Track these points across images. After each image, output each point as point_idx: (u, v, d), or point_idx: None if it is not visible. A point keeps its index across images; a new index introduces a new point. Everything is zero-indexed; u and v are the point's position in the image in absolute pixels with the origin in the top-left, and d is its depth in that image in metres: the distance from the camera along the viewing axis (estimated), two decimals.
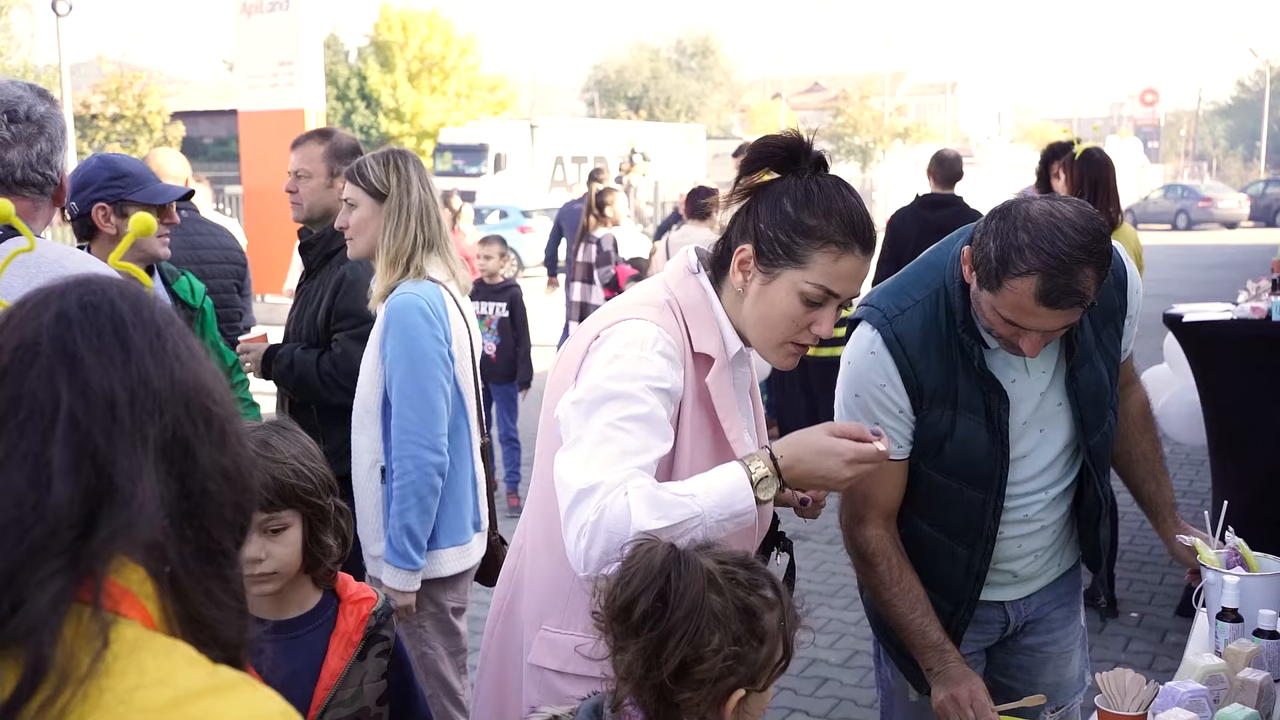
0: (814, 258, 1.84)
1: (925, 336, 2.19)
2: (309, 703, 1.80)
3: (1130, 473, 2.59)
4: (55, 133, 2.19)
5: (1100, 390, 2.31)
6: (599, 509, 1.68)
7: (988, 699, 2.18)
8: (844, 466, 1.79)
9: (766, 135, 1.94)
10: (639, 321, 1.86)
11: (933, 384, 2.20)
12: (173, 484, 0.88)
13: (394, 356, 2.88)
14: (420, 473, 2.84)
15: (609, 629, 1.51)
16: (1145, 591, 5.37)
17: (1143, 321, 2.49)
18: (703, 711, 1.48)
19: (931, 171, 6.82)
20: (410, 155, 3.10)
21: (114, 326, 0.89)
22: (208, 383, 0.93)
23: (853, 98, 43.93)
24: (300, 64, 13.98)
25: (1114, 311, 2.35)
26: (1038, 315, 2.02)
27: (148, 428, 0.87)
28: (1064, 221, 1.98)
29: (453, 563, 2.99)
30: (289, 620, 1.85)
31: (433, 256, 3.01)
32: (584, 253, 7.85)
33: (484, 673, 2.07)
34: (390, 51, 38.44)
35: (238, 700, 0.84)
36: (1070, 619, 2.52)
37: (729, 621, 1.46)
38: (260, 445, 1.76)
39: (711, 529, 1.71)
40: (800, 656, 4.64)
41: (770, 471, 1.77)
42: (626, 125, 36.58)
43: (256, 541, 1.77)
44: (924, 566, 2.31)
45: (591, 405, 1.78)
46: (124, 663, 0.82)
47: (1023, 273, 1.98)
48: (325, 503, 1.83)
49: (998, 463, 2.24)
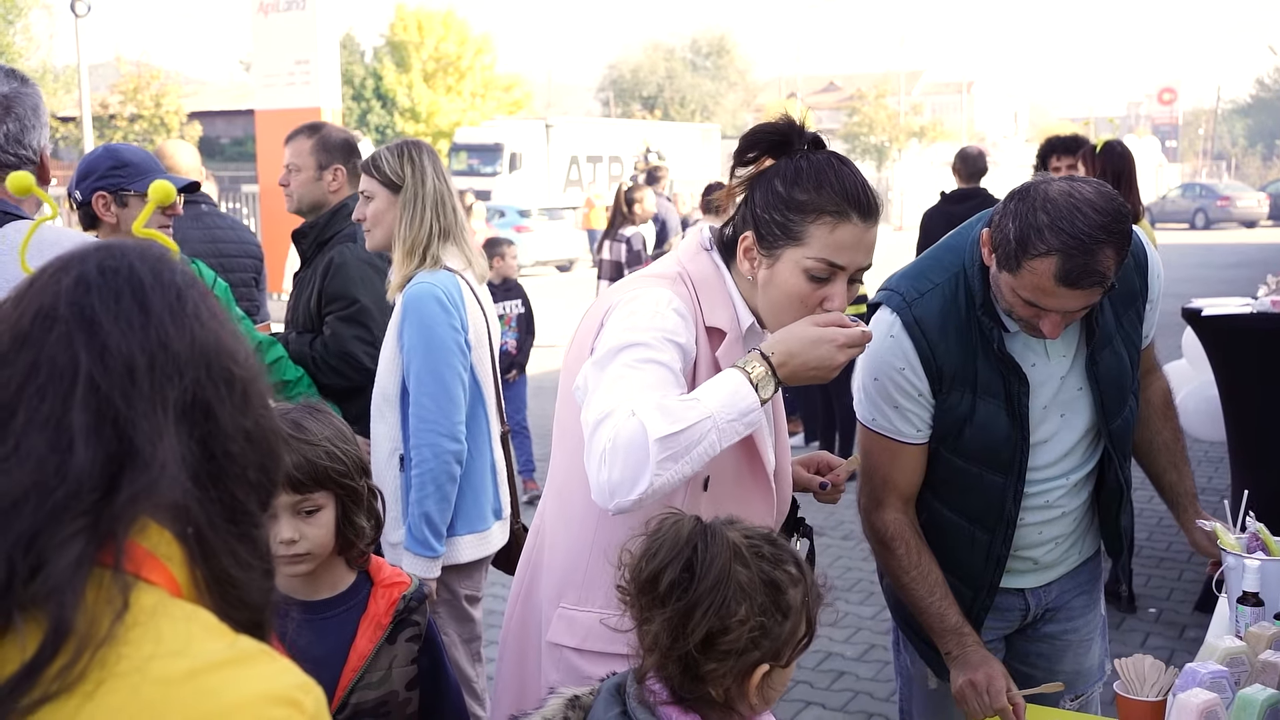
0: (810, 231, 1.83)
1: (945, 319, 2.19)
2: (337, 684, 1.81)
3: (1151, 462, 2.57)
4: (24, 112, 2.16)
5: (1121, 374, 2.30)
6: (611, 436, 1.65)
7: (1006, 683, 2.17)
8: (837, 352, 1.77)
9: (759, 123, 1.93)
10: (652, 288, 1.87)
11: (952, 367, 2.19)
12: (194, 446, 0.88)
13: (411, 345, 2.91)
14: (438, 461, 2.87)
15: (635, 601, 1.52)
16: (1164, 587, 5.35)
17: (1160, 318, 2.48)
18: (727, 684, 1.48)
19: (956, 168, 7.04)
20: (425, 146, 3.12)
21: (132, 290, 0.90)
22: (229, 345, 0.93)
23: (868, 97, 43.85)
24: (316, 62, 14.05)
25: (1134, 295, 2.34)
26: (1058, 296, 2.02)
27: (168, 390, 0.87)
28: (1083, 201, 1.98)
29: (470, 550, 3.00)
30: (321, 601, 1.86)
31: (449, 246, 3.03)
32: (612, 251, 7.83)
33: (504, 656, 2.08)
34: (406, 51, 38.55)
35: (255, 672, 0.83)
36: (1090, 607, 2.51)
37: (755, 593, 1.47)
38: (293, 427, 1.77)
39: (725, 430, 1.68)
40: (816, 650, 4.66)
41: (766, 370, 1.75)
42: (642, 125, 36.58)
43: (290, 522, 1.78)
44: (944, 552, 2.31)
45: (607, 356, 1.77)
46: (141, 629, 0.82)
47: (1042, 253, 1.98)
48: (358, 484, 1.84)
49: (1018, 447, 2.23)
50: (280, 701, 0.82)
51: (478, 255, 3.12)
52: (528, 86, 44.23)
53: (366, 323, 3.36)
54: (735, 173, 1.94)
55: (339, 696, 1.81)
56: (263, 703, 0.81)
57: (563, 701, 1.57)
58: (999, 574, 2.33)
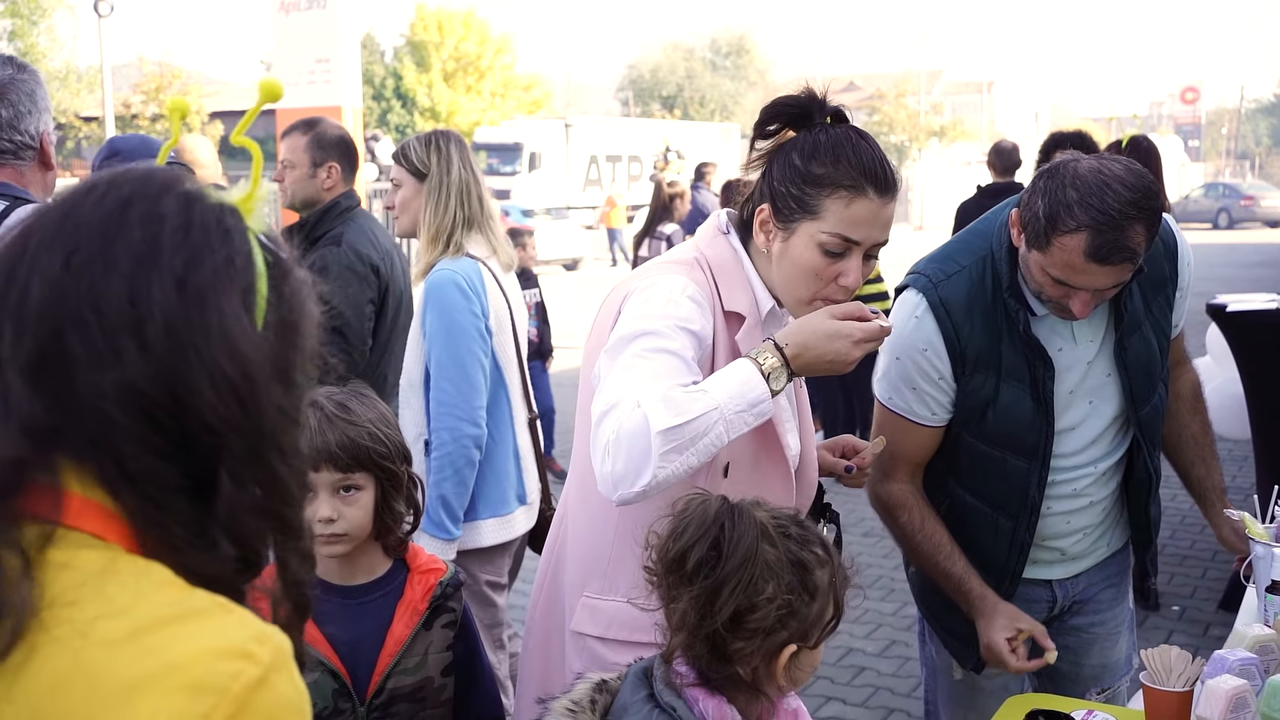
0: (826, 206, 1.82)
1: (971, 301, 2.19)
2: (373, 668, 1.82)
3: (1179, 455, 2.55)
4: (19, 98, 2.17)
5: (1150, 360, 2.29)
6: (615, 428, 1.64)
7: (1026, 623, 2.21)
8: (852, 347, 1.76)
9: (780, 95, 1.92)
10: (668, 275, 1.87)
11: (976, 349, 2.20)
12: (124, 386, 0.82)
13: (432, 331, 2.96)
14: (457, 445, 2.90)
15: (662, 580, 1.53)
16: (1187, 585, 5.31)
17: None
18: (755, 664, 1.49)
19: (991, 163, 7.22)
20: (453, 135, 3.17)
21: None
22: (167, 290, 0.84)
23: (888, 96, 43.74)
24: (337, 61, 14.10)
25: (1164, 281, 2.33)
26: (1088, 273, 2.02)
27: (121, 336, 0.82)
28: (1113, 178, 1.99)
29: (492, 534, 3.03)
30: (357, 586, 1.88)
31: (474, 234, 3.07)
32: (651, 248, 7.80)
33: (529, 642, 2.09)
34: (426, 51, 38.67)
35: (204, 626, 0.78)
36: (1118, 600, 2.50)
37: (782, 572, 1.47)
38: (339, 408, 1.80)
39: (732, 421, 1.67)
40: (837, 646, 4.65)
41: (779, 362, 1.74)
42: (661, 124, 36.59)
43: (329, 501, 1.79)
44: (967, 539, 2.31)
45: (619, 345, 1.77)
46: (89, 590, 0.78)
47: (1072, 229, 1.99)
48: (399, 469, 1.86)
49: (1042, 432, 2.23)
50: (230, 655, 0.77)
51: (504, 244, 3.16)
52: (547, 86, 44.30)
53: (343, 330, 3.37)
54: (755, 145, 1.93)
55: (375, 681, 1.82)
56: (210, 657, 0.76)
57: (590, 685, 1.58)
58: (1022, 562, 2.32)
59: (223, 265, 0.86)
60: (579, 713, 1.53)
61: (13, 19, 27.80)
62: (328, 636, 1.80)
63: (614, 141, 32.50)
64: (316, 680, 1.78)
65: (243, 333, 0.85)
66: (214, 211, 0.88)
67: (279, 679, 0.78)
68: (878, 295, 7.32)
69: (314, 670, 1.78)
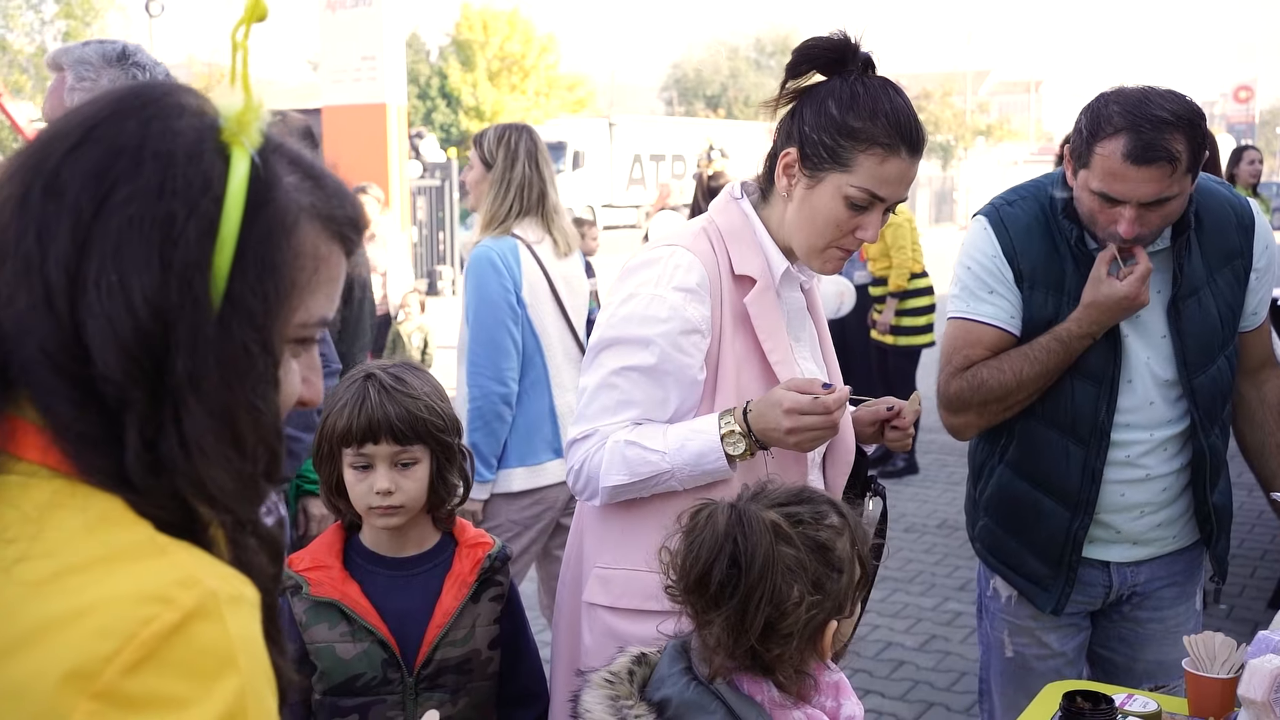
0: (859, 160, 1.82)
1: (1030, 222, 2.31)
2: (421, 639, 1.86)
3: (1262, 464, 2.46)
4: None
5: (1207, 330, 2.27)
6: (583, 458, 1.86)
7: None
8: (782, 416, 1.75)
9: (813, 36, 1.91)
10: (667, 249, 1.90)
11: (1032, 263, 2.28)
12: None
13: (468, 302, 3.32)
14: (485, 400, 3.24)
15: (687, 601, 1.52)
16: (1236, 584, 5.25)
17: None
18: (799, 661, 1.49)
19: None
20: (526, 130, 3.44)
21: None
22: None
23: (934, 95, 43.39)
24: (383, 59, 14.23)
25: (1233, 253, 2.31)
26: (1127, 179, 2.07)
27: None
28: (1154, 94, 2.10)
29: (521, 480, 3.34)
30: (407, 558, 1.92)
31: (527, 219, 3.35)
32: None
33: (559, 620, 2.11)
34: (471, 50, 38.86)
35: (130, 569, 0.75)
36: (1182, 600, 2.44)
37: (804, 569, 1.46)
38: (396, 381, 1.84)
39: (685, 480, 1.83)
40: (876, 640, 4.64)
41: (740, 428, 1.79)
42: (705, 124, 36.53)
43: (387, 474, 1.83)
44: (1041, 470, 2.33)
45: (598, 348, 1.89)
46: (30, 527, 0.75)
47: (1110, 134, 2.07)
48: (453, 441, 1.90)
49: (1107, 357, 2.25)
50: (148, 599, 0.73)
51: (564, 231, 3.41)
52: (591, 86, 44.37)
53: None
54: (785, 85, 1.92)
55: (424, 652, 1.86)
56: (127, 601, 0.72)
57: (630, 658, 1.60)
58: (1095, 491, 2.31)
59: (136, 202, 0.79)
60: (617, 684, 1.54)
61: (67, 20, 28.29)
62: (378, 607, 1.84)
63: (658, 140, 32.45)
64: (367, 650, 1.82)
65: (139, 282, 0.78)
66: (173, 136, 0.83)
67: (203, 626, 0.73)
68: (924, 290, 7.29)
69: (363, 640, 1.82)
